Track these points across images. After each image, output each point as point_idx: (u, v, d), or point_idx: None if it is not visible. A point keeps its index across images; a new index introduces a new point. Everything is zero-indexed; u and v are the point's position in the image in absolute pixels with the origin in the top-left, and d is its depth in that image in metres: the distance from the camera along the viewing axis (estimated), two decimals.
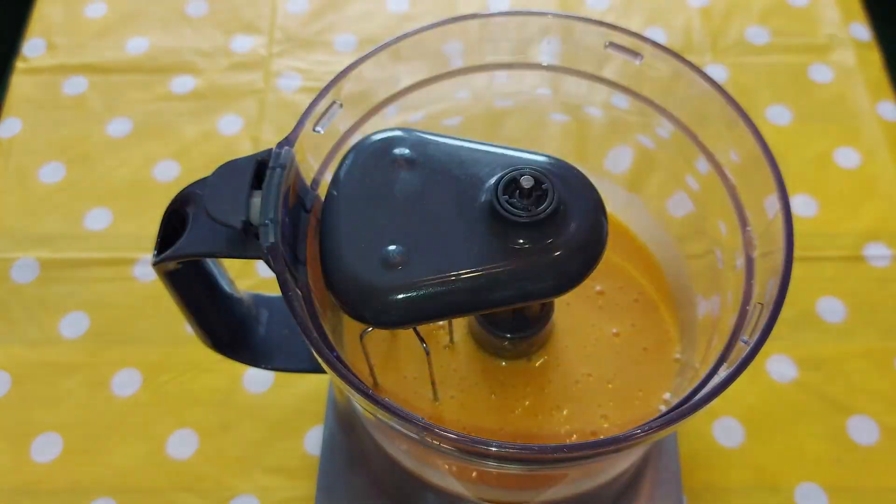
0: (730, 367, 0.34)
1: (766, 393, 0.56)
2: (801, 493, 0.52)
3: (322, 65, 0.72)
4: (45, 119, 0.69)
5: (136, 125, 0.69)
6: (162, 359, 0.58)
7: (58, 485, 0.53)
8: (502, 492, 0.45)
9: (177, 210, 0.38)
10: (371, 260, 0.34)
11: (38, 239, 0.63)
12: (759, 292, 0.36)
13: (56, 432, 0.55)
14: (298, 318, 0.34)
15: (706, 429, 0.55)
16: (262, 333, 0.46)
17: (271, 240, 0.34)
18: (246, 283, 0.61)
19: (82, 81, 0.71)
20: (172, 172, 0.66)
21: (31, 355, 0.58)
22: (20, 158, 0.67)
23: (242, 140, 0.68)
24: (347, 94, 0.40)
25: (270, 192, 0.35)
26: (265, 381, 0.57)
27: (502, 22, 0.42)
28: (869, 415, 0.55)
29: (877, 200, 0.64)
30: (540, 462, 0.33)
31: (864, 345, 0.58)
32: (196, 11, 0.75)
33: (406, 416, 0.32)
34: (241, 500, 0.53)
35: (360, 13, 0.75)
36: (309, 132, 0.39)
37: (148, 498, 0.53)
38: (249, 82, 0.71)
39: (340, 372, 0.33)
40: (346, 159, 0.37)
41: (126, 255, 0.62)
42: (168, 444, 0.54)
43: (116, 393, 0.56)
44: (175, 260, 0.37)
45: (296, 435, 0.55)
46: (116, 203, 0.65)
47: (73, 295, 0.60)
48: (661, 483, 0.50)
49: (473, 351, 0.43)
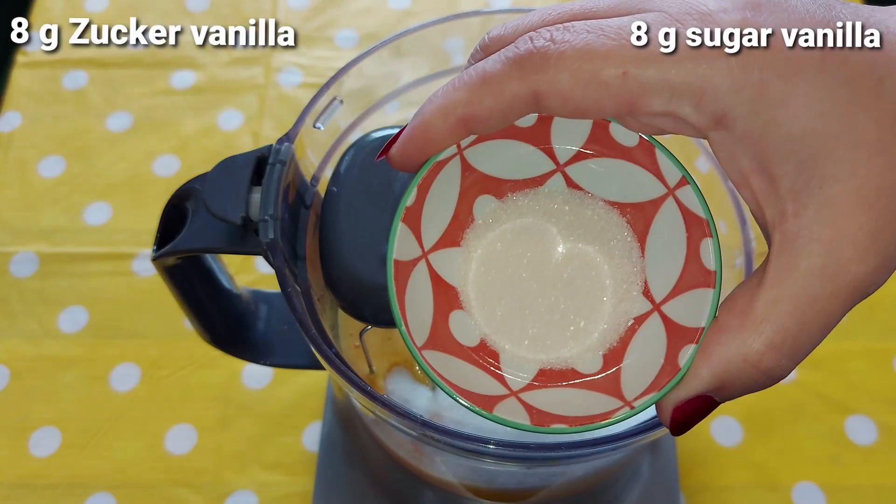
0: None
1: (765, 392, 0.55)
2: (799, 492, 0.52)
3: (323, 60, 0.72)
4: (45, 113, 0.69)
5: (136, 120, 0.69)
6: (161, 354, 0.58)
7: (56, 479, 0.53)
8: (501, 489, 0.45)
9: (176, 205, 0.38)
10: (371, 258, 0.34)
11: (38, 233, 0.63)
12: None
13: (54, 426, 0.55)
14: (297, 314, 0.34)
15: (704, 427, 0.55)
16: (260, 329, 0.46)
17: (271, 235, 0.34)
18: (245, 279, 0.61)
19: (82, 75, 0.71)
20: (172, 167, 0.66)
21: (30, 349, 0.58)
22: (20, 152, 0.67)
23: (243, 135, 0.68)
24: (348, 91, 0.40)
25: (270, 187, 0.35)
26: (264, 377, 0.57)
27: (504, 18, 0.41)
28: (867, 414, 0.55)
29: None
30: (538, 460, 0.33)
31: (864, 344, 0.58)
32: (197, 6, 0.75)
33: (404, 412, 0.32)
34: (239, 495, 0.53)
35: (362, 9, 0.75)
36: (309, 128, 0.39)
37: (146, 493, 0.53)
38: (250, 77, 0.71)
39: (339, 368, 0.33)
40: (347, 156, 0.37)
41: (125, 250, 0.62)
42: (166, 439, 0.54)
43: (115, 387, 0.56)
44: (174, 255, 0.37)
45: (294, 431, 0.55)
46: (116, 197, 0.65)
47: (72, 289, 0.60)
48: (658, 482, 0.51)
49: None
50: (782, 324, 0.22)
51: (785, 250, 0.22)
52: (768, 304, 0.22)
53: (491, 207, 0.28)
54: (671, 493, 0.50)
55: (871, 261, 0.21)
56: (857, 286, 0.22)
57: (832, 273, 0.21)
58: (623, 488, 0.50)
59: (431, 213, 0.27)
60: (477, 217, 0.28)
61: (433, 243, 0.27)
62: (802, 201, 0.21)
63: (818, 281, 0.21)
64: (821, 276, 0.21)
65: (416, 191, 0.26)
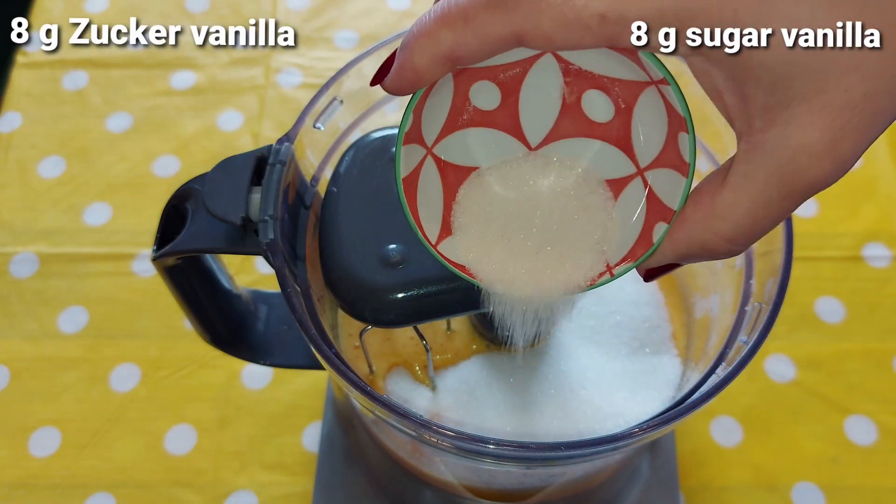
0: (728, 367, 0.34)
1: (765, 392, 0.56)
2: (799, 493, 0.52)
3: (323, 61, 0.72)
4: (46, 113, 0.69)
5: (136, 120, 0.69)
6: (160, 354, 0.58)
7: (55, 479, 0.53)
8: (501, 489, 0.45)
9: (176, 205, 0.38)
10: (371, 259, 0.34)
11: (38, 233, 0.63)
12: (758, 292, 0.36)
13: (54, 427, 0.55)
14: (297, 314, 0.34)
15: (704, 428, 0.55)
16: (260, 329, 0.46)
17: (270, 236, 0.34)
18: (245, 280, 0.61)
19: (82, 76, 0.71)
20: (172, 168, 0.66)
21: (30, 349, 0.58)
22: (20, 153, 0.67)
23: (242, 136, 0.68)
24: (348, 91, 0.40)
25: (270, 188, 0.35)
26: (264, 377, 0.57)
27: None
28: (867, 415, 0.55)
29: (876, 201, 0.64)
30: (537, 460, 0.33)
31: (863, 345, 0.58)
32: (197, 6, 0.75)
33: (404, 412, 0.32)
34: (238, 495, 0.53)
35: (361, 10, 0.75)
36: (309, 128, 0.39)
37: (145, 493, 0.53)
38: (250, 78, 0.71)
39: (338, 368, 0.33)
40: (346, 156, 0.37)
41: (125, 251, 0.62)
42: (166, 440, 0.54)
43: (115, 388, 0.56)
44: (174, 255, 0.37)
45: (294, 431, 0.55)
46: (116, 198, 0.65)
47: (72, 290, 0.60)
48: (658, 482, 0.51)
49: (471, 336, 0.43)
50: (738, 221, 0.25)
51: (748, 159, 0.24)
52: (728, 205, 0.25)
53: (487, 89, 0.29)
54: (671, 493, 0.50)
55: (827, 167, 0.23)
56: (811, 188, 0.24)
57: (789, 180, 0.24)
58: (623, 488, 0.50)
59: (430, 120, 0.28)
60: (473, 100, 0.29)
61: (434, 138, 0.29)
62: (769, 117, 0.23)
63: (774, 188, 0.24)
64: (777, 184, 0.24)
65: (412, 115, 0.27)
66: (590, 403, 0.41)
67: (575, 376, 0.42)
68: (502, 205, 0.30)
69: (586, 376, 0.42)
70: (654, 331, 0.44)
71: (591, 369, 0.42)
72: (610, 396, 0.41)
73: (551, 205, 0.30)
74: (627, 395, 0.41)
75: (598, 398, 0.41)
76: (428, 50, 0.24)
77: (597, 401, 0.41)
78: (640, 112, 0.28)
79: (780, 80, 0.22)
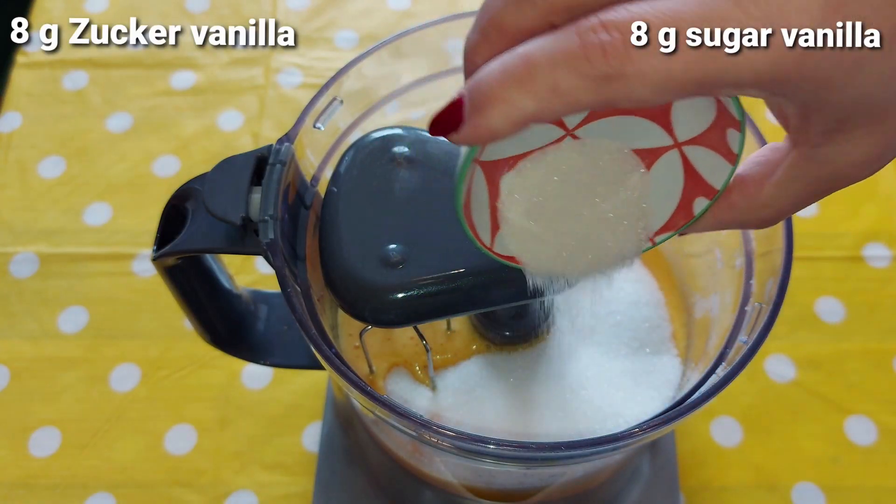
0: (728, 367, 0.34)
1: (765, 392, 0.56)
2: (799, 493, 0.52)
3: (323, 61, 0.72)
4: (46, 113, 0.69)
5: (136, 120, 0.69)
6: (160, 354, 0.58)
7: (55, 479, 0.53)
8: (501, 489, 0.45)
9: (176, 205, 0.38)
10: (371, 259, 0.34)
11: (38, 233, 0.63)
12: (759, 292, 0.36)
13: (54, 427, 0.55)
14: (297, 314, 0.34)
15: (704, 428, 0.55)
16: (260, 329, 0.46)
17: (270, 236, 0.34)
18: (245, 279, 0.61)
19: (82, 76, 0.71)
20: (172, 168, 0.66)
21: (30, 349, 0.58)
22: (20, 153, 0.67)
23: (242, 136, 0.68)
24: (348, 91, 0.40)
25: (270, 188, 0.35)
26: (264, 377, 0.57)
27: None
28: (867, 415, 0.55)
29: (876, 201, 0.64)
30: (537, 460, 0.33)
31: (863, 345, 0.58)
32: (197, 6, 0.75)
33: (404, 412, 0.32)
34: (238, 495, 0.53)
35: (361, 10, 0.75)
36: (309, 128, 0.39)
37: (145, 493, 0.53)
38: (250, 78, 0.71)
39: (339, 368, 0.33)
40: (346, 157, 0.37)
41: (125, 251, 0.62)
42: (166, 440, 0.54)
43: (115, 388, 0.56)
44: (174, 255, 0.37)
45: (294, 431, 0.55)
46: (116, 198, 0.65)
47: (72, 290, 0.60)
48: (658, 482, 0.51)
49: (471, 336, 0.43)
50: (781, 209, 0.28)
51: (801, 165, 0.26)
52: (773, 197, 0.28)
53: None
54: (671, 493, 0.50)
55: (866, 172, 0.26)
56: (846, 185, 0.26)
57: (833, 183, 0.26)
58: (623, 488, 0.50)
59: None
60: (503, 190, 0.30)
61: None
62: (829, 136, 0.25)
63: (819, 187, 0.27)
64: (823, 186, 0.27)
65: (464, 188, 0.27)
66: (590, 403, 0.41)
67: (575, 376, 0.42)
68: (546, 189, 0.30)
69: (586, 376, 0.42)
70: (654, 331, 0.44)
71: (591, 369, 0.42)
72: (610, 396, 0.41)
73: (593, 183, 0.30)
74: (627, 396, 0.41)
75: (597, 398, 0.41)
76: (511, 116, 0.23)
77: (597, 401, 0.41)
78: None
79: (848, 115, 0.24)
